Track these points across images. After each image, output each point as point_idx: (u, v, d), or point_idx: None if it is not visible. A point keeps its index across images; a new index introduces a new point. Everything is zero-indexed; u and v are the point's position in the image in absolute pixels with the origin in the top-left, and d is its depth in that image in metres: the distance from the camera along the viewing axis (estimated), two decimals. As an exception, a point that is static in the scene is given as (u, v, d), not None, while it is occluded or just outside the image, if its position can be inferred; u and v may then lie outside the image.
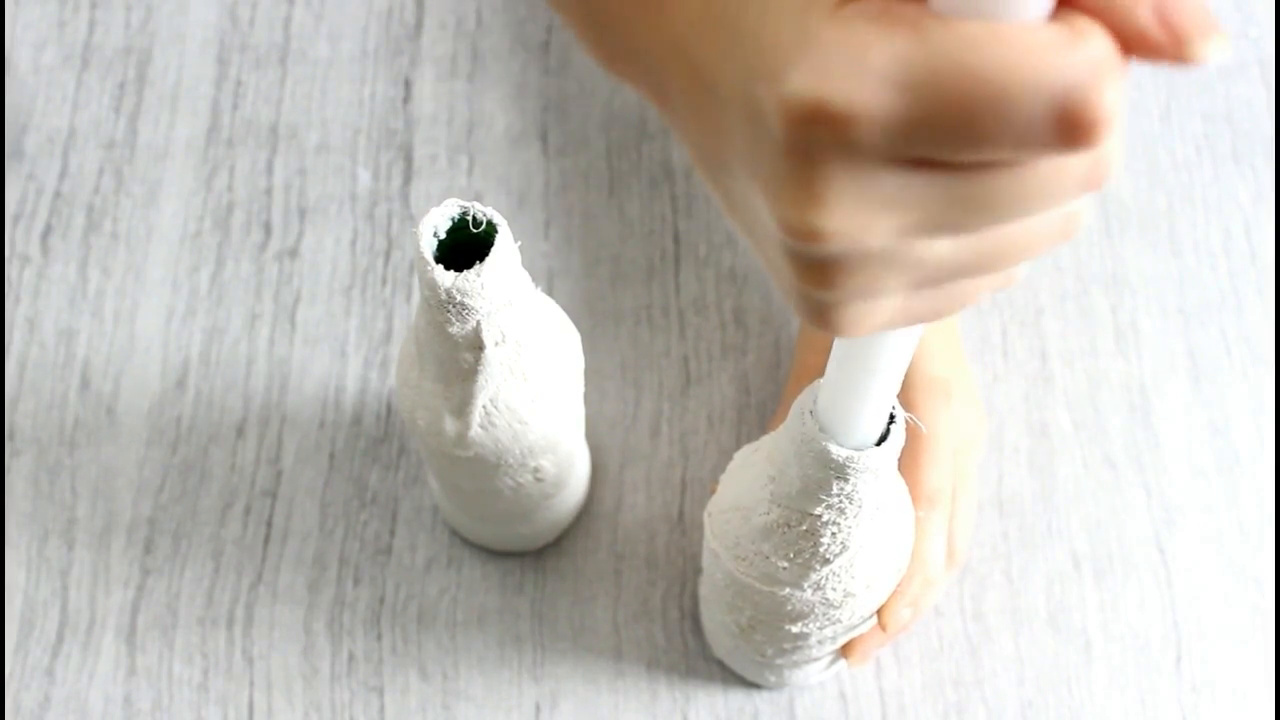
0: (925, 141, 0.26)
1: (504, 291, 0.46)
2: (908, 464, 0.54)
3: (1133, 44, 0.25)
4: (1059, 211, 0.28)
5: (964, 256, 0.28)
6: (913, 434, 0.42)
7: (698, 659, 0.63)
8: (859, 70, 0.25)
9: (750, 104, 0.27)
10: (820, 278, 0.28)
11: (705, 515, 0.50)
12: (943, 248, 0.28)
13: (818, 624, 0.50)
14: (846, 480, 0.41)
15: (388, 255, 0.71)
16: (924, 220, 0.27)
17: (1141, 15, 0.25)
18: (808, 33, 0.26)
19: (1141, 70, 0.75)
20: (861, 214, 0.27)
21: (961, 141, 0.25)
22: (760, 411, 0.67)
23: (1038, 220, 0.28)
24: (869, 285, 0.28)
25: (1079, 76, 0.24)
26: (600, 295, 0.70)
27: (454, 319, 0.46)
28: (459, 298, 0.44)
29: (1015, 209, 0.27)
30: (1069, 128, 0.24)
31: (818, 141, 0.26)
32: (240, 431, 0.67)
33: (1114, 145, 0.26)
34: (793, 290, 0.30)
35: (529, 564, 0.65)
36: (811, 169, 0.26)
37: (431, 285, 0.44)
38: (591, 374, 0.66)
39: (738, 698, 0.62)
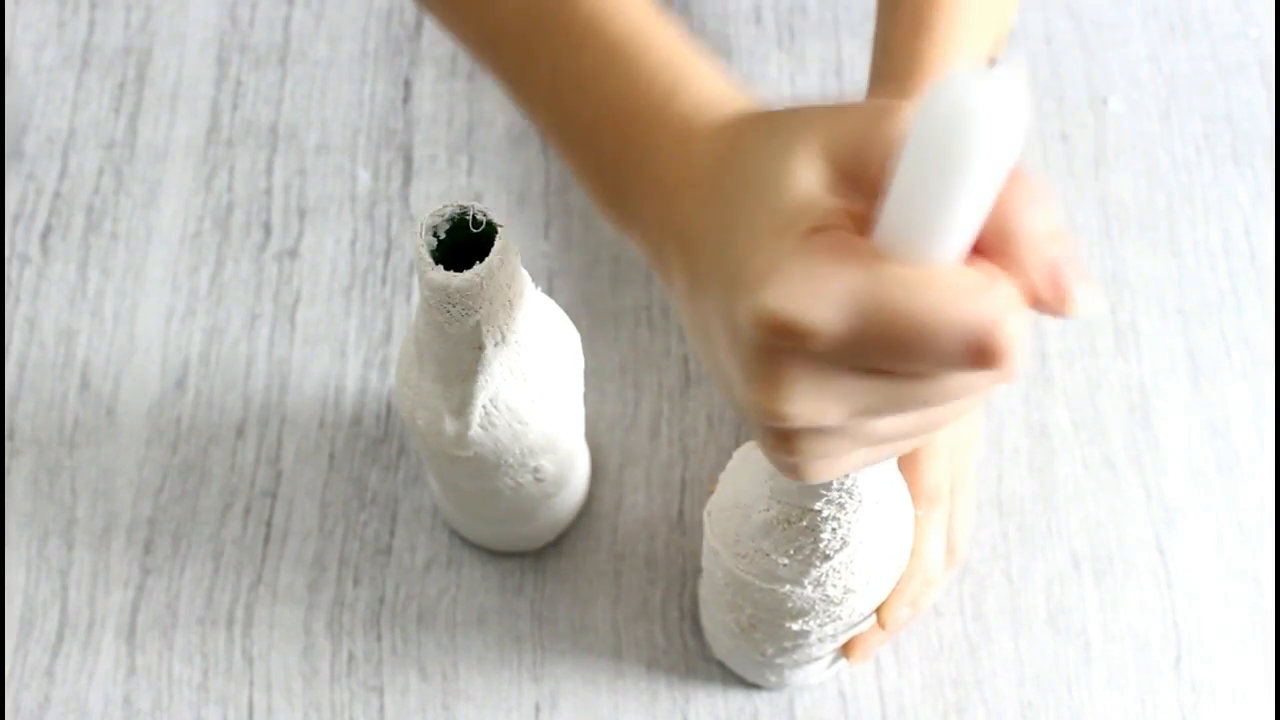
0: (868, 356, 0.32)
1: (504, 291, 0.46)
2: (906, 463, 0.54)
3: (1029, 299, 0.31)
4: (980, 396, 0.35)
5: (903, 428, 0.35)
6: (912, 434, 0.43)
7: (698, 659, 0.63)
8: (818, 297, 0.31)
9: (730, 310, 0.33)
10: (785, 445, 0.35)
11: (705, 513, 0.50)
12: (885, 423, 0.35)
13: (818, 621, 0.50)
14: (846, 475, 0.41)
15: (388, 255, 0.71)
16: (869, 408, 0.33)
17: (1040, 280, 0.31)
18: (778, 259, 0.32)
19: (1142, 69, 0.75)
20: (817, 403, 0.33)
21: (896, 360, 0.32)
22: (760, 411, 0.67)
23: (963, 402, 0.35)
24: (825, 450, 0.35)
25: (988, 317, 0.30)
26: (600, 295, 0.70)
27: (454, 319, 0.46)
28: (459, 298, 0.44)
29: (943, 401, 0.34)
30: (979, 357, 0.30)
31: (783, 348, 0.32)
32: (240, 432, 0.67)
33: (1022, 355, 0.32)
34: (763, 448, 0.37)
35: (529, 564, 0.65)
36: (778, 368, 0.33)
37: (431, 285, 0.44)
38: (591, 374, 0.66)
39: (738, 698, 0.62)
